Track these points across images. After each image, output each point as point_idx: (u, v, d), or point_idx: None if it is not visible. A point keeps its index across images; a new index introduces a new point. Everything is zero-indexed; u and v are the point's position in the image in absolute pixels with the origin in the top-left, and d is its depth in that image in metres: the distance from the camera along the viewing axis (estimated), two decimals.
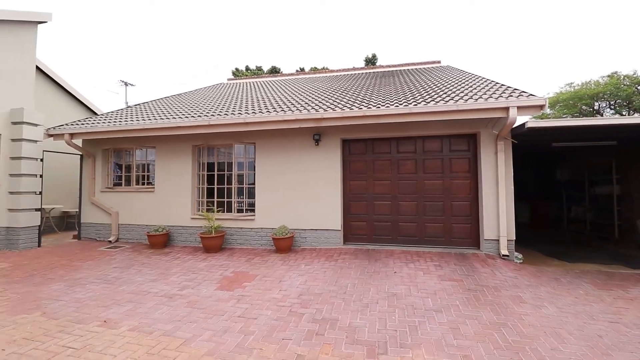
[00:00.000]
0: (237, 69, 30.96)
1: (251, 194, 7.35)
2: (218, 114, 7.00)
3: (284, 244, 6.41)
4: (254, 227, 7.06)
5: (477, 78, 7.58)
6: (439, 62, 11.89)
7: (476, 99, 5.54)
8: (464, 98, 5.70)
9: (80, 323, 3.56)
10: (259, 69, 31.49)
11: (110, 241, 7.74)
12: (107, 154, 8.32)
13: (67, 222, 10.10)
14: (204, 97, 10.01)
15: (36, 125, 7.24)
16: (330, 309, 3.82)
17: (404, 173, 6.71)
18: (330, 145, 6.84)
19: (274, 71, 30.13)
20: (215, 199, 7.48)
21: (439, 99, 5.96)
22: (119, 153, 8.35)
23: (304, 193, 6.87)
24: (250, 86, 11.46)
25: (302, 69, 31.96)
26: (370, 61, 27.40)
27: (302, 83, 10.99)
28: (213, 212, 6.96)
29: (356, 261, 5.70)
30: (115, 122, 7.74)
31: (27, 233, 6.99)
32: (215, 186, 7.53)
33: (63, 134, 7.54)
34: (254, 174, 7.26)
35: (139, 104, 10.11)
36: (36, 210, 7.19)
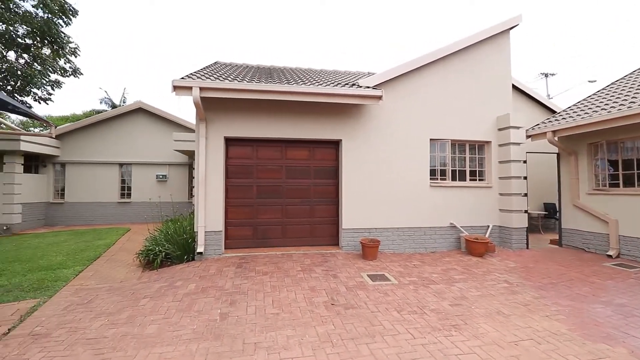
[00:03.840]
0: None
1: None
2: None
3: None
4: None
5: None
6: None
7: None
8: None
9: None
10: None
11: (610, 255, 6.27)
12: (594, 149, 6.97)
13: (530, 224, 9.95)
14: None
15: (518, 128, 7.36)
16: None
17: None
18: None
19: None
20: None
21: None
22: (613, 146, 6.71)
23: None
24: None
25: None
26: None
27: None
28: None
29: None
30: (601, 111, 6.24)
31: (518, 234, 7.18)
32: None
33: (545, 133, 7.15)
34: None
35: (611, 85, 7.96)
36: (524, 212, 7.25)
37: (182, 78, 5.85)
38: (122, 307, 4.08)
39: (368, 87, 6.54)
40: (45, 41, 11.21)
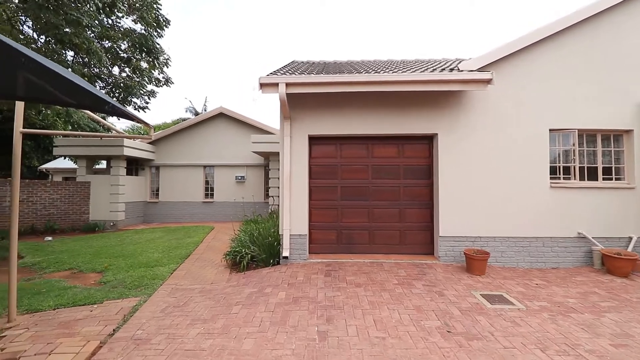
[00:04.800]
0: None
1: None
2: None
3: None
4: None
5: None
6: None
7: None
8: None
9: None
10: None
11: None
12: None
13: None
14: None
15: None
16: None
17: None
18: None
19: None
20: None
21: None
22: None
23: None
24: None
25: None
26: None
27: None
28: None
29: None
30: None
31: None
32: None
33: None
34: None
35: None
36: None
37: (268, 75, 5.63)
38: (215, 313, 3.91)
39: (471, 71, 5.59)
40: (143, 54, 12.36)
